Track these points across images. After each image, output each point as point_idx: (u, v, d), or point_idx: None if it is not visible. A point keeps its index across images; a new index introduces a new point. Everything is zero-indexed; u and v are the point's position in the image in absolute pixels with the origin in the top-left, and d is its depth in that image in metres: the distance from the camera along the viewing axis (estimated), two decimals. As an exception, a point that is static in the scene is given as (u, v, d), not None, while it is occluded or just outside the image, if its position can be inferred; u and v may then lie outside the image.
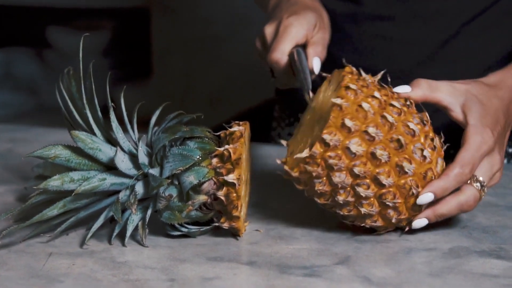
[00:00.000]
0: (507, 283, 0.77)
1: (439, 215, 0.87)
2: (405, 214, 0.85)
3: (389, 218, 0.85)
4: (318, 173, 0.83)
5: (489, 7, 1.15)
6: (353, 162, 0.82)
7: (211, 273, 0.80)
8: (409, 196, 0.84)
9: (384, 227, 0.87)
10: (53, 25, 2.64)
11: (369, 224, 0.86)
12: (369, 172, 0.82)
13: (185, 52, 2.71)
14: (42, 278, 0.79)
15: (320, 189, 0.83)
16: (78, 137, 0.85)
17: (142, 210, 0.86)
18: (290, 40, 1.00)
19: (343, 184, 0.83)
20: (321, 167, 0.83)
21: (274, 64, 1.00)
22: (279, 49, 0.99)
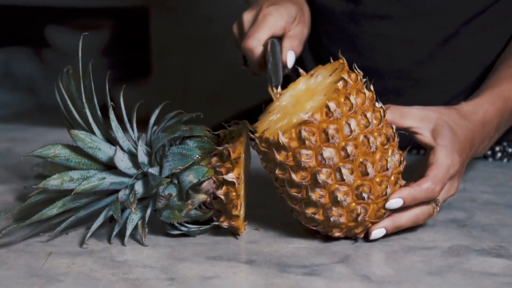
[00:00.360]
0: (506, 282, 0.78)
1: (396, 226, 0.86)
2: (369, 216, 0.84)
3: (355, 215, 0.83)
4: (310, 143, 0.81)
5: (488, 7, 1.15)
6: (347, 141, 0.82)
7: (211, 272, 0.80)
8: (381, 196, 0.84)
9: (343, 227, 0.84)
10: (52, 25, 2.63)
11: (333, 217, 0.83)
12: (357, 156, 0.82)
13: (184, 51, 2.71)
14: (41, 277, 0.79)
15: (305, 161, 0.81)
16: (78, 136, 0.85)
17: (141, 209, 0.87)
18: (267, 29, 0.99)
19: (330, 161, 0.82)
20: (317, 136, 0.81)
21: (248, 51, 0.98)
22: (254, 37, 0.98)
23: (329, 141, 0.81)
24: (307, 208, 0.84)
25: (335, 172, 0.82)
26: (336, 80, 0.83)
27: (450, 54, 1.16)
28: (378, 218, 0.86)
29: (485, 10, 1.15)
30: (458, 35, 1.15)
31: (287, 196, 0.85)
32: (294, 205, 0.85)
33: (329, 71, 0.86)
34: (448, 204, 0.97)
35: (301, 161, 0.81)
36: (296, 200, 0.84)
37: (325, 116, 0.82)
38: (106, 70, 2.58)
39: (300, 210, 0.85)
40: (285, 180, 0.84)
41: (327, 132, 0.81)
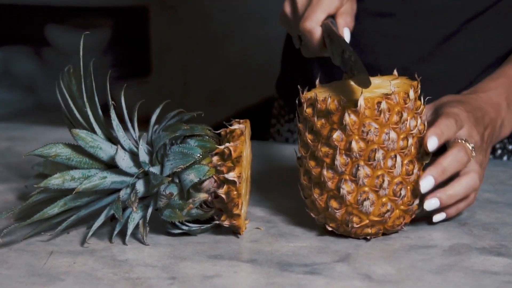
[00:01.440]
0: (507, 280, 0.78)
1: (442, 170, 0.86)
2: (391, 219, 0.85)
3: (384, 211, 0.84)
4: (383, 118, 0.82)
5: (490, 6, 1.15)
6: (408, 133, 0.84)
7: (212, 271, 0.80)
8: (408, 204, 0.86)
9: (357, 221, 0.85)
10: (51, 24, 2.63)
11: (366, 202, 0.83)
12: (409, 153, 0.84)
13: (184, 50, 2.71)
14: (42, 276, 0.79)
15: (372, 133, 0.82)
16: (79, 136, 0.85)
17: (142, 208, 0.87)
18: (324, 10, 0.98)
19: (392, 144, 0.83)
20: (392, 115, 0.83)
21: (307, 33, 0.98)
22: (312, 18, 0.98)
23: (398, 125, 0.83)
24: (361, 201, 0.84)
25: (388, 157, 0.83)
26: (405, 91, 0.85)
27: (450, 52, 1.16)
28: (393, 227, 0.87)
29: (486, 10, 1.15)
30: (458, 34, 1.15)
31: (319, 174, 0.85)
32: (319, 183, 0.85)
33: (404, 83, 0.87)
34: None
35: (367, 132, 0.82)
36: (330, 178, 0.84)
37: (402, 101, 0.83)
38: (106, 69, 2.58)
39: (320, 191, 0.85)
40: (328, 154, 0.84)
41: (401, 115, 0.83)
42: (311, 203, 0.87)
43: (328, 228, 0.87)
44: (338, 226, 0.86)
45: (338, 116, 0.83)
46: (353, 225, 0.84)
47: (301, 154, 0.87)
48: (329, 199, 0.85)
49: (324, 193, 0.85)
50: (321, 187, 0.85)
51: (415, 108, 0.85)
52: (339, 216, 0.84)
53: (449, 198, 0.87)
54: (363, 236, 0.87)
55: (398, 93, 0.84)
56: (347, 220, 0.84)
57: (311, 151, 0.85)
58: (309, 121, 0.85)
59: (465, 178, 0.88)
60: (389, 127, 0.83)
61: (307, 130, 0.85)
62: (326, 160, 0.84)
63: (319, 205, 0.85)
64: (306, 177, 0.87)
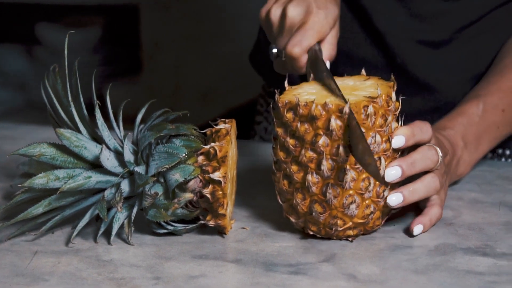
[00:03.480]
0: (492, 280, 0.78)
1: (411, 162, 0.86)
2: (373, 221, 0.86)
3: (368, 213, 0.84)
4: (369, 122, 0.82)
5: (483, 16, 1.14)
6: (390, 133, 0.85)
7: (197, 271, 0.80)
8: (387, 206, 0.86)
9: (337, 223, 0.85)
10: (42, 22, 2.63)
11: (352, 205, 0.83)
12: (390, 156, 0.85)
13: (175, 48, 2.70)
14: (26, 276, 0.79)
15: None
16: (63, 135, 0.84)
17: (127, 208, 0.86)
18: (315, 37, 0.97)
19: (376, 147, 0.83)
20: (377, 118, 0.83)
21: (293, 58, 0.96)
22: (302, 44, 0.95)
23: (383, 128, 0.83)
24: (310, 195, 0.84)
25: None
26: (387, 93, 0.85)
27: (443, 59, 1.16)
28: (373, 228, 0.87)
29: (480, 18, 1.15)
30: (451, 42, 1.15)
31: (296, 180, 0.85)
32: (295, 188, 0.85)
33: (381, 84, 0.87)
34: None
35: None
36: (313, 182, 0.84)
37: (386, 103, 0.84)
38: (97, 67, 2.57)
39: (297, 196, 0.85)
40: (314, 158, 0.83)
41: (386, 118, 0.83)
42: (290, 208, 0.87)
43: (309, 232, 0.86)
44: (319, 230, 0.86)
45: (323, 121, 0.82)
46: (337, 228, 0.84)
47: (280, 159, 0.86)
48: (313, 203, 0.84)
49: (307, 197, 0.84)
50: (304, 192, 0.84)
51: (395, 110, 0.86)
52: (323, 220, 0.84)
53: (411, 194, 0.86)
54: (344, 238, 0.87)
55: (381, 96, 0.84)
56: (331, 223, 0.84)
57: (293, 156, 0.84)
58: (290, 126, 0.84)
59: (427, 177, 0.88)
60: (375, 130, 0.83)
61: (288, 135, 0.84)
62: (311, 165, 0.83)
63: (301, 209, 0.85)
64: (286, 182, 0.86)
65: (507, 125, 1.06)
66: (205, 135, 0.88)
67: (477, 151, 1.03)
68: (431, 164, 0.88)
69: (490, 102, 1.05)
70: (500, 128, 1.05)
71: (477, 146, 1.03)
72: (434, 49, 1.16)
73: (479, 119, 1.03)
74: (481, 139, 1.03)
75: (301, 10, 0.97)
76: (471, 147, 1.02)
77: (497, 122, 1.05)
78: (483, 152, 1.04)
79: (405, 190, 0.86)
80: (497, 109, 1.05)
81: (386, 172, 0.84)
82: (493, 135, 1.05)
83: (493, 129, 1.05)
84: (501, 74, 1.08)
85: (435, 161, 0.88)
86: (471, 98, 1.06)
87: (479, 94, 1.06)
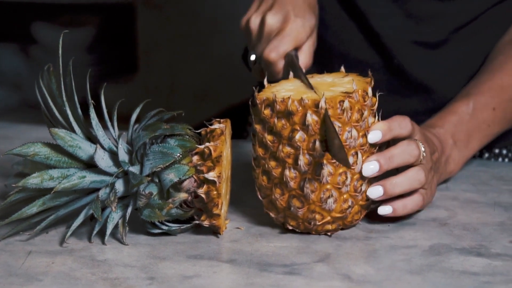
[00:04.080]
0: (486, 281, 0.78)
1: (389, 156, 0.86)
2: (352, 215, 0.87)
3: (346, 207, 0.85)
4: (346, 117, 0.83)
5: (479, 15, 1.14)
6: (367, 128, 0.85)
7: (191, 271, 0.80)
8: (365, 199, 0.87)
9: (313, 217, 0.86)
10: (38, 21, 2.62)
11: (330, 199, 0.84)
12: (367, 150, 0.85)
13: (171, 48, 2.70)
14: (20, 276, 0.79)
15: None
16: (57, 135, 0.84)
17: (122, 208, 0.86)
18: (292, 43, 0.99)
19: (353, 142, 0.84)
20: (353, 113, 0.83)
21: (269, 63, 0.99)
22: (279, 49, 0.98)
23: (359, 123, 0.84)
24: (286, 190, 0.85)
25: (349, 154, 0.84)
26: (364, 89, 0.85)
27: (439, 59, 1.16)
28: (352, 222, 0.88)
29: (476, 18, 1.15)
30: (448, 42, 1.15)
31: (274, 175, 0.85)
32: (276, 184, 0.85)
33: (359, 81, 0.88)
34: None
35: None
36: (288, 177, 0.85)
37: (362, 99, 0.84)
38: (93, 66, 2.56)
39: (276, 190, 0.86)
40: (290, 154, 0.84)
41: (362, 113, 0.84)
42: (270, 203, 0.88)
43: (288, 227, 0.87)
44: (299, 224, 0.87)
45: (299, 117, 0.83)
46: (315, 222, 0.85)
47: (258, 155, 0.87)
48: (291, 198, 0.85)
49: (285, 192, 0.85)
50: (283, 187, 0.85)
51: (371, 105, 0.86)
52: (301, 214, 0.85)
53: (392, 187, 0.86)
54: (323, 233, 0.87)
55: (357, 91, 0.84)
56: (309, 218, 0.85)
57: (271, 152, 0.85)
58: (268, 122, 0.85)
59: (411, 170, 0.88)
60: (351, 125, 0.84)
61: (266, 131, 0.85)
62: (288, 160, 0.84)
63: (280, 204, 0.86)
64: (265, 178, 0.87)
65: (498, 123, 1.06)
66: (200, 135, 0.88)
67: (467, 149, 1.03)
68: (411, 158, 0.88)
69: (480, 101, 1.05)
70: (491, 126, 1.05)
71: (467, 144, 1.03)
72: (431, 50, 1.16)
73: (469, 117, 1.03)
74: (472, 138, 1.03)
75: (279, 18, 1.00)
76: (461, 145, 1.02)
77: (487, 120, 1.05)
78: (474, 150, 1.05)
79: (386, 183, 0.86)
80: (487, 108, 1.05)
81: (364, 167, 0.85)
82: (483, 133, 1.05)
83: (484, 128, 1.05)
84: (492, 73, 1.08)
85: (415, 155, 0.88)
86: (461, 96, 1.06)
87: (469, 92, 1.06)
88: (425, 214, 0.94)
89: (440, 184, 1.04)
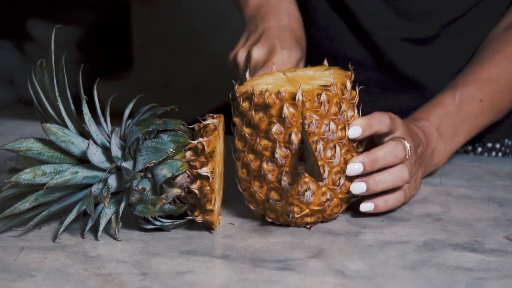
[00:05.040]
0: (480, 276, 0.77)
1: (373, 159, 0.87)
2: (331, 208, 0.87)
3: (324, 200, 0.86)
4: (323, 110, 0.83)
5: (469, 10, 1.14)
6: (346, 123, 0.85)
7: (184, 267, 0.80)
8: (344, 192, 0.87)
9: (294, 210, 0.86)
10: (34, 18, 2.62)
11: (307, 192, 0.85)
12: (346, 143, 0.86)
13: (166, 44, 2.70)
14: (13, 272, 0.79)
15: (314, 125, 0.83)
16: (50, 130, 0.84)
17: (115, 204, 0.86)
18: None
19: (331, 135, 0.84)
20: (331, 106, 0.84)
21: None
22: None
23: (337, 116, 0.84)
24: (265, 182, 0.85)
25: (327, 148, 0.84)
26: (342, 82, 0.85)
27: (431, 55, 1.16)
28: (331, 215, 0.88)
29: (465, 13, 1.14)
30: (438, 38, 1.15)
31: (253, 167, 0.86)
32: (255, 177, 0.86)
33: (339, 74, 0.88)
34: (423, 198, 0.97)
35: (309, 124, 0.83)
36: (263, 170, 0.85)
37: (340, 92, 0.84)
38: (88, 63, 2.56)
39: (255, 183, 0.86)
40: (268, 146, 0.84)
41: (340, 106, 0.84)
42: (250, 196, 0.88)
43: (268, 219, 0.88)
44: (278, 217, 0.87)
45: (276, 109, 0.83)
46: (294, 215, 0.86)
47: (238, 148, 0.87)
48: (270, 191, 0.85)
49: (264, 185, 0.86)
50: (261, 180, 0.86)
51: (351, 99, 0.86)
52: (279, 207, 0.85)
53: (375, 184, 0.87)
54: (303, 225, 0.88)
55: (335, 84, 0.85)
56: (288, 210, 0.85)
57: (249, 145, 0.86)
58: (246, 115, 0.85)
59: (395, 168, 0.88)
60: (329, 118, 0.84)
61: (244, 124, 0.86)
62: (266, 153, 0.84)
63: (259, 197, 0.86)
64: (244, 170, 0.87)
65: (486, 115, 1.06)
66: (193, 130, 0.88)
67: (453, 142, 1.03)
68: (396, 160, 0.88)
69: (467, 92, 1.05)
70: (478, 118, 1.05)
71: (454, 136, 1.03)
72: (421, 46, 1.16)
73: (456, 109, 1.04)
74: (458, 130, 1.04)
75: (265, 51, 1.02)
76: (447, 138, 1.02)
77: (474, 112, 1.05)
78: (461, 143, 1.05)
79: (370, 180, 0.87)
80: (474, 99, 1.05)
81: (348, 167, 0.86)
82: (470, 125, 1.05)
83: (471, 119, 1.05)
84: (480, 64, 1.08)
85: (401, 157, 0.88)
86: (448, 88, 1.07)
87: (456, 84, 1.06)
88: (419, 210, 0.94)
89: (434, 179, 1.04)
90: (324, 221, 0.89)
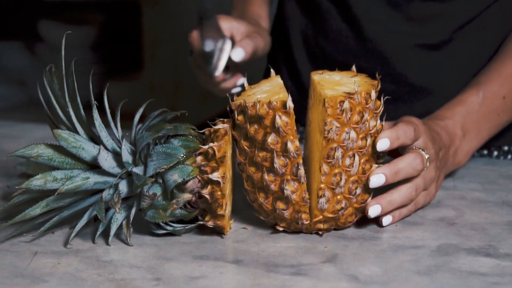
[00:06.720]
0: (495, 281, 0.77)
1: (395, 171, 0.86)
2: (345, 217, 0.86)
3: (339, 208, 0.85)
4: (345, 117, 0.83)
5: (480, 13, 1.13)
6: (367, 133, 0.85)
7: (197, 272, 0.79)
8: (360, 202, 0.87)
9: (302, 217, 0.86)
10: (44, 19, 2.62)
11: (322, 199, 0.84)
12: (367, 153, 0.85)
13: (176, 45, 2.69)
14: (26, 277, 0.78)
15: (334, 132, 0.82)
16: (61, 136, 0.83)
17: (126, 209, 0.85)
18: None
19: (351, 144, 0.83)
20: (353, 115, 0.83)
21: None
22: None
23: (359, 125, 0.83)
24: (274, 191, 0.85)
25: (346, 156, 0.83)
26: (367, 91, 0.85)
27: (443, 60, 1.15)
28: (345, 224, 0.87)
29: (477, 16, 1.14)
30: (451, 42, 1.14)
31: (262, 178, 0.85)
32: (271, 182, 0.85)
33: (365, 82, 0.88)
34: (437, 202, 0.97)
35: (329, 130, 0.82)
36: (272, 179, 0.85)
37: (364, 101, 0.84)
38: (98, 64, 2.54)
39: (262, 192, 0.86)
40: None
41: (362, 115, 0.83)
42: (259, 207, 0.87)
43: (279, 228, 0.87)
44: (288, 225, 0.87)
45: (270, 120, 0.83)
46: (303, 222, 0.85)
47: (240, 161, 0.87)
48: (275, 201, 0.85)
49: (269, 196, 0.85)
50: (265, 191, 0.85)
51: (375, 108, 0.86)
52: (287, 216, 0.85)
53: (389, 205, 0.88)
54: (315, 232, 0.87)
55: (360, 93, 0.84)
56: (296, 218, 0.85)
57: (249, 157, 0.85)
58: (243, 128, 0.85)
59: (404, 187, 0.89)
60: (350, 126, 0.83)
61: (242, 137, 0.86)
62: (265, 164, 0.84)
63: (266, 208, 0.86)
64: (249, 183, 0.87)
65: (507, 112, 1.06)
66: (203, 135, 0.88)
67: (476, 139, 1.03)
68: (415, 173, 0.88)
69: (490, 90, 1.05)
70: (500, 115, 1.05)
71: (477, 134, 1.03)
72: (434, 51, 1.15)
73: (479, 107, 1.03)
74: (481, 127, 1.03)
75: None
76: (471, 136, 1.02)
77: (497, 109, 1.04)
78: (483, 140, 1.04)
79: (383, 202, 0.87)
80: (497, 96, 1.04)
81: (370, 179, 0.85)
82: (493, 122, 1.05)
83: (493, 117, 1.04)
84: (502, 61, 1.08)
85: (418, 170, 0.88)
86: (471, 86, 1.06)
87: (479, 81, 1.06)
88: (432, 214, 0.93)
89: (447, 183, 1.03)
90: (337, 229, 0.88)
